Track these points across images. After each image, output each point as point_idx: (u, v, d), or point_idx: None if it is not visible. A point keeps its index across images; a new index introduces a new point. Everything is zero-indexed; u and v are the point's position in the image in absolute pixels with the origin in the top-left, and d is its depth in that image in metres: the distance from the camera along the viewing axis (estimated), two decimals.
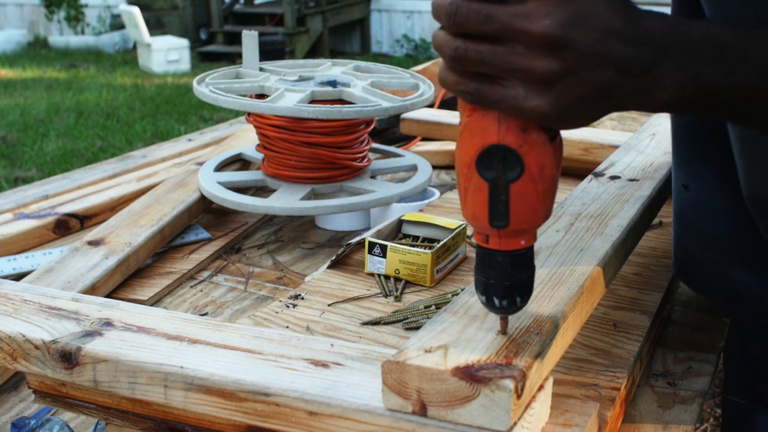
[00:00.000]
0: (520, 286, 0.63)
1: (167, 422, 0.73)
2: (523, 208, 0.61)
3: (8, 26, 10.77)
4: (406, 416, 0.62)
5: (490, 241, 0.62)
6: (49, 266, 1.12)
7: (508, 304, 0.63)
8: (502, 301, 0.63)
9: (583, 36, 0.56)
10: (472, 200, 0.62)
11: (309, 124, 1.29)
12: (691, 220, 0.96)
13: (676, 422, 0.88)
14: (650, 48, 0.58)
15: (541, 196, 0.61)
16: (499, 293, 0.63)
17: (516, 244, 0.62)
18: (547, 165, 0.61)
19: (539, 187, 0.61)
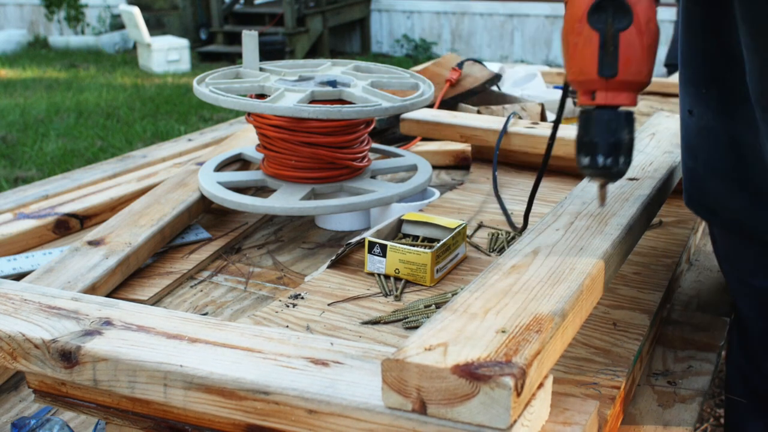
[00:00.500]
0: (623, 146, 0.67)
1: (167, 421, 0.73)
2: (630, 58, 0.66)
3: (8, 26, 10.77)
4: (405, 414, 0.62)
5: (597, 96, 0.68)
6: (49, 266, 1.12)
7: (612, 162, 0.66)
8: (606, 160, 0.66)
9: None
10: (582, 53, 0.68)
11: (309, 124, 1.29)
12: (693, 144, 1.00)
13: (676, 421, 0.88)
14: None
15: (646, 49, 0.67)
16: (604, 151, 0.66)
17: (621, 99, 0.67)
18: (652, 19, 0.67)
19: (644, 40, 0.66)
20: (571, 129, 1.56)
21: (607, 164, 0.67)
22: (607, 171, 0.68)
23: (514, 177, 1.55)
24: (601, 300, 1.00)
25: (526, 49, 9.16)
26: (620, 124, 0.69)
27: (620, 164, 0.68)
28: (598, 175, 0.69)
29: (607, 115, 0.68)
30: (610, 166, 0.67)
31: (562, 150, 1.51)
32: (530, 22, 9.09)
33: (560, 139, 1.51)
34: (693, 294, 1.20)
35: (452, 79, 1.91)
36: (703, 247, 1.39)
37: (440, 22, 9.57)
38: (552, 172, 1.55)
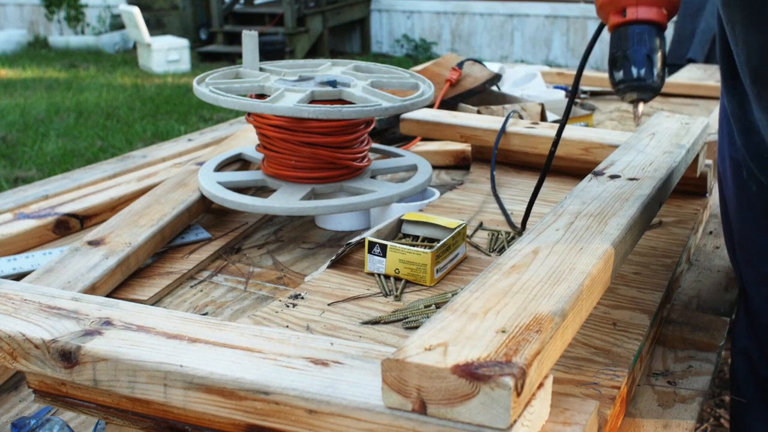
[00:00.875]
0: (656, 58, 0.69)
1: (167, 421, 0.73)
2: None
3: (8, 26, 10.77)
4: (405, 414, 0.62)
5: (629, 12, 0.71)
6: (49, 266, 1.12)
7: (647, 73, 0.67)
8: (639, 71, 0.67)
9: None
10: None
11: (309, 124, 1.29)
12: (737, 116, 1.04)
13: (676, 421, 0.88)
14: None
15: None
16: (638, 62, 0.68)
17: (652, 14, 0.70)
18: None
19: None
20: (572, 129, 1.56)
21: (641, 75, 0.68)
22: (642, 83, 0.69)
23: (514, 177, 1.55)
24: (601, 300, 1.00)
25: (526, 49, 9.16)
26: (652, 37, 0.71)
27: (654, 76, 0.69)
28: (633, 88, 0.70)
29: (639, 29, 0.70)
30: (644, 77, 0.69)
31: (562, 150, 1.51)
32: (530, 22, 9.09)
33: (561, 139, 1.51)
34: (693, 294, 1.20)
35: (452, 79, 1.91)
36: (703, 247, 1.39)
37: (440, 22, 9.57)
38: (552, 172, 1.55)
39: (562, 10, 8.99)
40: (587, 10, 8.94)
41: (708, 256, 1.34)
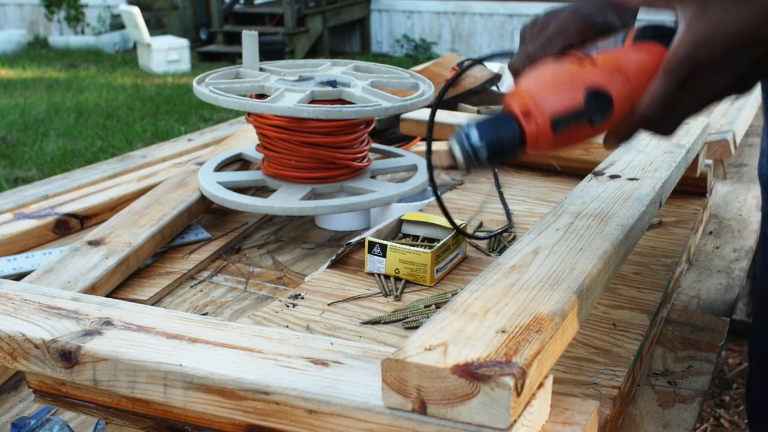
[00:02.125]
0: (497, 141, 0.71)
1: (167, 421, 0.73)
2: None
3: (8, 26, 10.78)
4: (405, 414, 0.62)
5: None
6: (49, 266, 1.12)
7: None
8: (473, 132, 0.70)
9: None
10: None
11: (309, 124, 1.29)
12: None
13: (676, 421, 0.88)
14: None
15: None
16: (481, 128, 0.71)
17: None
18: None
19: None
20: None
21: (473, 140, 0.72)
22: (466, 146, 0.72)
23: (514, 177, 1.55)
24: (601, 300, 1.00)
25: None
26: (508, 129, 0.73)
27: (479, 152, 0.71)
28: (457, 141, 0.72)
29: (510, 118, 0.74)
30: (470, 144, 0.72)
31: (562, 150, 1.51)
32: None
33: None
34: (693, 294, 1.20)
35: None
36: (703, 247, 1.39)
37: (440, 22, 9.58)
38: (552, 172, 1.55)
39: None
40: None
41: (708, 256, 1.35)
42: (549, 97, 0.69)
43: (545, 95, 0.69)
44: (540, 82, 0.71)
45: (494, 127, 0.69)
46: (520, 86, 0.72)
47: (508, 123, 0.69)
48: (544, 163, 1.55)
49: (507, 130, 0.69)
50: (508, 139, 0.69)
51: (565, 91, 0.70)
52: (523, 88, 0.71)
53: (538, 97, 0.69)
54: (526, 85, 0.71)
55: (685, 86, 0.73)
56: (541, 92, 0.70)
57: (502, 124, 0.69)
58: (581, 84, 0.71)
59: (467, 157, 0.69)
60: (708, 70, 0.71)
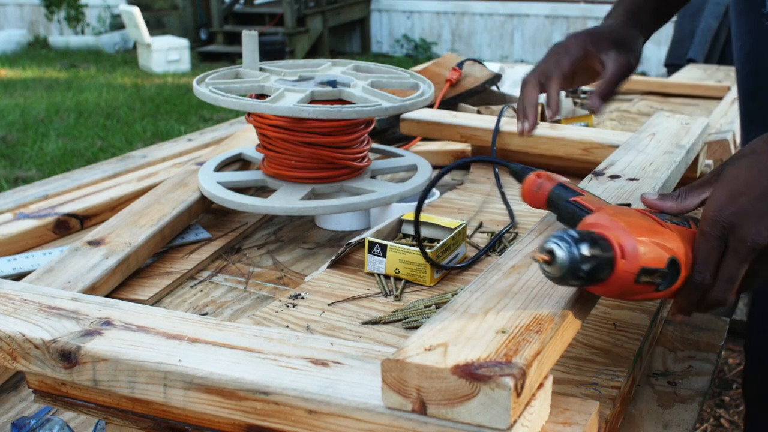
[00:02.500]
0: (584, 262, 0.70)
1: (167, 421, 0.73)
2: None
3: (8, 26, 10.78)
4: (405, 414, 0.62)
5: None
6: (49, 266, 1.12)
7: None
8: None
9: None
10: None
11: (309, 124, 1.29)
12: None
13: (676, 421, 0.88)
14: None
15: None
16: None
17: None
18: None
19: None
20: (572, 129, 1.56)
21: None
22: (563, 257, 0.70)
23: None
24: (601, 300, 1.00)
25: (526, 49, 9.16)
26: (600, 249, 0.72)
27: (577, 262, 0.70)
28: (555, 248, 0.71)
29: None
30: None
31: (562, 150, 1.51)
32: (530, 22, 9.09)
33: (561, 139, 1.52)
34: None
35: (452, 79, 1.91)
36: None
37: (440, 22, 9.57)
38: (552, 172, 1.55)
39: (562, 10, 8.99)
40: (587, 10, 8.94)
41: None
42: (644, 247, 0.70)
43: (642, 244, 0.70)
44: (635, 228, 0.71)
45: (599, 248, 0.69)
46: (614, 221, 0.72)
47: (608, 251, 0.69)
48: (544, 164, 1.55)
49: (606, 257, 0.69)
50: (604, 265, 0.69)
51: (657, 248, 0.71)
52: (619, 225, 0.71)
53: (636, 242, 0.70)
54: (620, 224, 0.71)
55: (726, 245, 0.75)
56: (638, 239, 0.70)
57: (605, 249, 0.69)
58: (668, 248, 0.72)
59: (571, 264, 0.68)
60: (739, 224, 0.74)
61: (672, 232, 0.75)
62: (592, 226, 0.73)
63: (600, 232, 0.71)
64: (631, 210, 0.77)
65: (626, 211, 0.76)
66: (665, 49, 4.11)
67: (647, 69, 8.59)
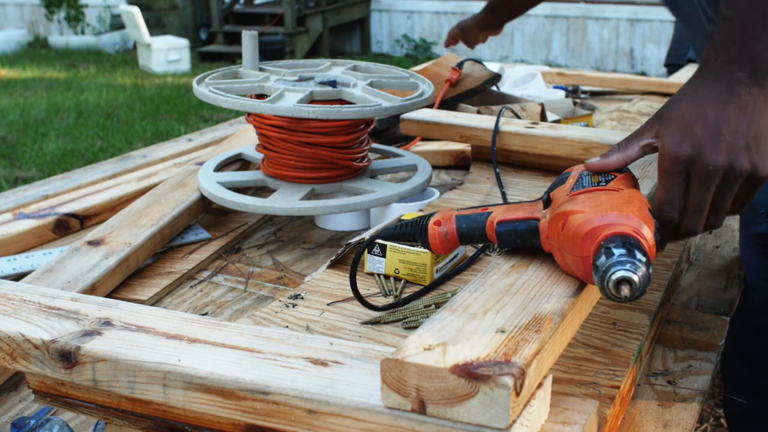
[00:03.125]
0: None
1: (167, 421, 0.73)
2: None
3: (8, 26, 10.77)
4: (405, 414, 0.62)
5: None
6: (49, 266, 1.12)
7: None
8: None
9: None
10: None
11: (309, 124, 1.29)
12: None
13: (676, 421, 0.88)
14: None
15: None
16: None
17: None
18: None
19: None
20: (572, 129, 1.56)
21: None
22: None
23: (514, 177, 1.55)
24: (600, 300, 1.00)
25: (526, 49, 9.15)
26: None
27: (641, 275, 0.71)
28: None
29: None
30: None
31: (562, 150, 1.51)
32: (530, 22, 9.09)
33: (561, 139, 1.52)
34: (693, 294, 1.20)
35: (452, 79, 1.91)
36: (702, 247, 1.39)
37: (440, 22, 9.57)
38: (552, 172, 1.55)
39: (562, 10, 8.99)
40: (587, 10, 8.94)
41: (708, 256, 1.35)
42: (646, 223, 0.73)
43: (643, 221, 0.73)
44: (625, 210, 0.74)
45: (637, 248, 0.70)
46: (605, 214, 0.74)
47: (640, 246, 0.71)
48: (544, 164, 1.55)
49: (644, 250, 0.71)
50: (647, 258, 0.70)
51: (649, 214, 0.75)
52: (618, 216, 0.73)
53: (641, 222, 0.73)
54: (615, 213, 0.74)
55: (689, 177, 0.80)
56: (639, 220, 0.73)
57: (639, 246, 0.71)
58: (644, 204, 0.77)
59: (646, 279, 0.69)
60: (697, 153, 0.79)
61: (618, 190, 0.78)
62: (587, 227, 0.73)
63: (614, 232, 0.71)
64: (577, 196, 0.78)
65: (577, 199, 0.77)
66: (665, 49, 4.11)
67: (647, 69, 8.59)
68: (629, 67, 8.79)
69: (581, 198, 0.76)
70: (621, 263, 0.68)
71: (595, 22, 8.93)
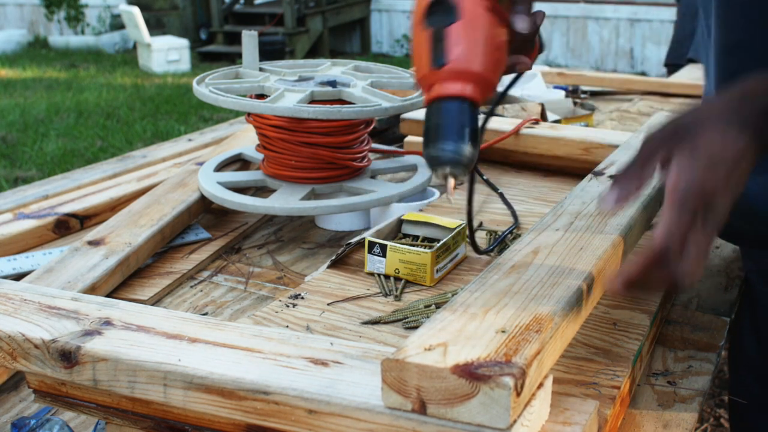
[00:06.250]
0: (464, 134, 0.71)
1: (167, 421, 0.73)
2: (457, 48, 0.71)
3: (8, 26, 10.77)
4: (405, 414, 0.62)
5: (433, 89, 0.72)
6: (49, 266, 1.12)
7: (455, 149, 0.70)
8: (448, 147, 0.71)
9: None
10: (419, 52, 0.73)
11: (309, 124, 1.29)
12: None
13: (676, 421, 0.88)
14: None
15: (475, 42, 0.72)
16: (446, 137, 0.71)
17: (455, 89, 0.72)
18: (481, 15, 0.72)
19: (472, 33, 0.71)
20: (572, 129, 1.56)
21: (450, 151, 0.70)
22: (448, 158, 0.70)
23: (514, 177, 1.55)
24: (601, 300, 1.00)
25: None
26: (457, 113, 0.71)
27: (463, 152, 0.70)
28: (442, 163, 0.71)
29: (444, 104, 0.71)
30: (452, 152, 0.70)
31: (562, 150, 1.51)
32: None
33: (561, 139, 1.52)
34: (693, 294, 1.20)
35: None
36: None
37: None
38: (552, 172, 1.55)
39: (562, 10, 8.99)
40: (587, 10, 8.94)
41: (708, 256, 1.34)
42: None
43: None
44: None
45: (439, 127, 0.71)
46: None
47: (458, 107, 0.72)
48: (544, 164, 1.55)
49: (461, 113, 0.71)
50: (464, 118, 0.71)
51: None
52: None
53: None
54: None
55: (694, 216, 0.68)
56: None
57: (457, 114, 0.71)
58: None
59: (456, 159, 0.69)
60: (714, 196, 0.68)
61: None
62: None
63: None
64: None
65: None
66: (665, 49, 4.11)
67: (647, 69, 8.59)
68: (629, 67, 8.80)
69: None
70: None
71: (595, 22, 8.94)
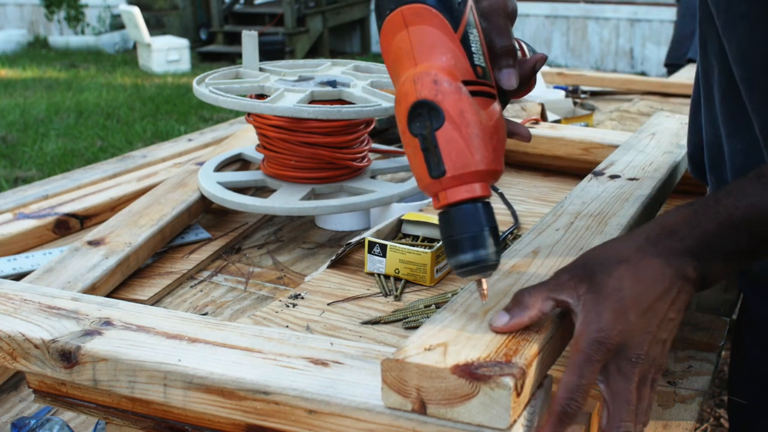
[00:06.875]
0: (485, 235, 0.66)
1: (167, 421, 0.73)
2: (453, 152, 0.65)
3: (8, 26, 10.77)
4: (405, 414, 0.62)
5: (440, 197, 0.67)
6: (49, 266, 1.12)
7: (478, 255, 0.65)
8: (471, 254, 0.66)
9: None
10: (414, 162, 0.67)
11: (309, 124, 1.29)
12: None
13: (676, 421, 0.88)
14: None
15: (469, 139, 0.65)
16: (465, 247, 0.66)
17: (462, 194, 0.66)
18: (466, 110, 0.66)
19: (464, 131, 0.65)
20: (572, 129, 1.56)
21: (475, 258, 0.66)
22: (477, 265, 0.66)
23: (514, 177, 1.55)
24: None
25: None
26: (471, 218, 0.66)
27: (488, 254, 0.66)
28: (471, 272, 0.67)
29: (456, 212, 0.66)
30: (478, 260, 0.66)
31: (562, 150, 1.51)
32: (530, 22, 9.09)
33: (561, 139, 1.52)
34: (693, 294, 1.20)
35: None
36: None
37: None
38: (552, 172, 1.55)
39: (562, 10, 8.99)
40: (587, 10, 8.94)
41: None
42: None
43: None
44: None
45: (458, 236, 0.66)
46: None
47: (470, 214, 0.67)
48: (544, 164, 1.55)
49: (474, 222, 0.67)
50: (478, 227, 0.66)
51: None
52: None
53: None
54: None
55: (606, 366, 0.67)
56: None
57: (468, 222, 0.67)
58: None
59: (479, 270, 0.66)
60: (625, 343, 0.67)
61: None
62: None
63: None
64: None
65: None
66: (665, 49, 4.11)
67: (647, 69, 8.59)
68: (629, 67, 8.79)
69: None
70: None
71: (595, 22, 8.93)
